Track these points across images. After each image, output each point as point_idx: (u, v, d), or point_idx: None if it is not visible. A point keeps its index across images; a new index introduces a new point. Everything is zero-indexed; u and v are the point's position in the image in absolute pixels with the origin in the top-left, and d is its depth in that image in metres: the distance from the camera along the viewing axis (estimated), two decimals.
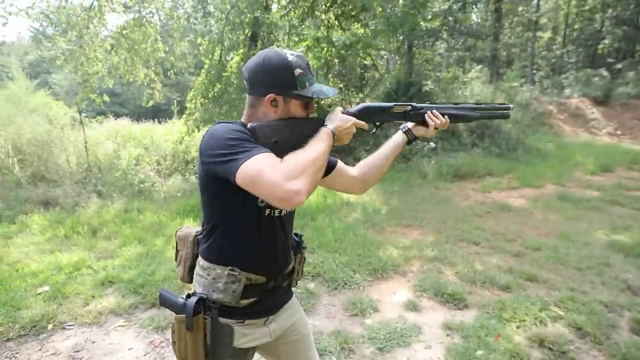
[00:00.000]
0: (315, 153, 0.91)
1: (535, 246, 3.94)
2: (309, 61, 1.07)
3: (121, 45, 6.87)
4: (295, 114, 1.03)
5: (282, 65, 0.98)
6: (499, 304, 2.78)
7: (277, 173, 0.83)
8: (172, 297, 1.02)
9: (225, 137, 0.91)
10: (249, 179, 0.85)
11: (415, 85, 10.74)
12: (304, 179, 0.85)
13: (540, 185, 6.62)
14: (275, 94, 0.99)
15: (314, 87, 1.02)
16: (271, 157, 0.88)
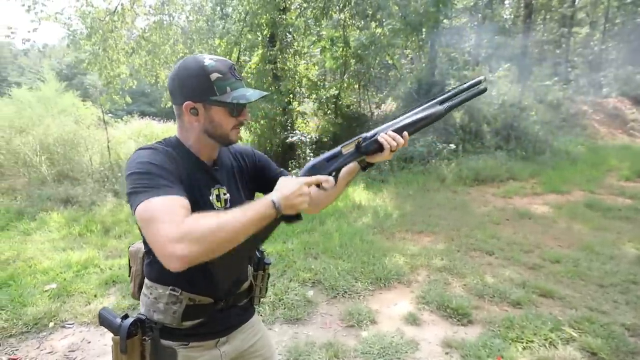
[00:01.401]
0: (231, 223, 0.80)
1: (554, 258, 3.69)
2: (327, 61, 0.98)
3: (142, 47, 7.04)
4: (221, 122, 0.95)
5: (198, 70, 0.91)
6: (506, 322, 2.61)
7: (169, 228, 0.75)
8: (110, 317, 0.96)
9: (137, 167, 0.85)
10: (143, 221, 0.79)
11: (438, 85, 10.44)
12: (196, 247, 0.75)
13: (567, 192, 6.23)
14: (193, 101, 0.93)
15: (237, 92, 0.94)
16: (174, 204, 0.79)
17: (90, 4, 7.15)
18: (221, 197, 1.02)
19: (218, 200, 1.01)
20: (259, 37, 8.31)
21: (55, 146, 6.87)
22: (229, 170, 1.08)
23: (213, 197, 1.00)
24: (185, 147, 0.99)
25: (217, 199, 1.01)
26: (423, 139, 8.58)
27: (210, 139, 0.97)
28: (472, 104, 10.53)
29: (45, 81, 8.71)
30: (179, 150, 0.97)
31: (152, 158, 0.87)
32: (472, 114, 10.14)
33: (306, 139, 8.70)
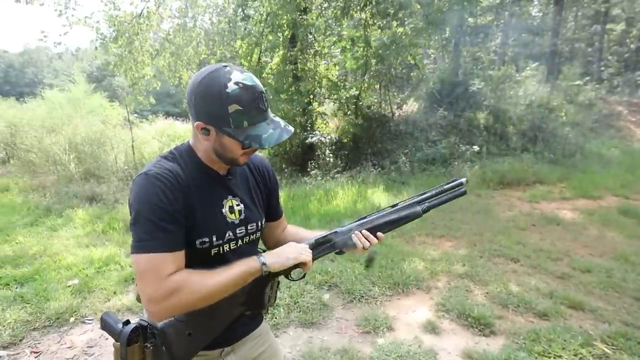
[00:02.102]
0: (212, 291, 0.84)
1: (584, 267, 3.49)
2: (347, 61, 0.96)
3: (166, 49, 7.20)
4: (232, 148, 0.90)
5: (217, 96, 0.84)
6: (531, 334, 2.47)
7: (151, 290, 0.80)
8: (112, 322, 0.92)
9: (137, 205, 0.84)
10: (135, 269, 0.84)
11: (461, 85, 10.18)
12: (172, 310, 0.82)
13: (599, 197, 5.92)
14: (205, 123, 0.87)
15: (253, 130, 0.87)
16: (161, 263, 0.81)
17: (118, 7, 7.37)
18: (235, 208, 0.99)
19: (232, 212, 0.98)
20: (280, 38, 8.35)
21: (83, 145, 7.11)
22: (244, 181, 1.05)
23: (226, 209, 0.97)
24: (197, 157, 0.95)
25: (231, 211, 0.98)
26: (445, 140, 8.38)
27: (218, 159, 0.94)
28: (497, 104, 10.22)
29: (75, 83, 9.05)
30: (190, 160, 0.94)
31: (152, 197, 0.83)
32: (497, 115, 9.82)
33: (326, 139, 8.65)
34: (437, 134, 8.82)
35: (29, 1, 6.91)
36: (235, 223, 0.98)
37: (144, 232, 0.82)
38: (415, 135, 8.83)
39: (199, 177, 0.93)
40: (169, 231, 0.83)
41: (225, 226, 0.96)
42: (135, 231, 0.83)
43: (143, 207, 0.82)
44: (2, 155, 7.68)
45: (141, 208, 0.83)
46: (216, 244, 0.93)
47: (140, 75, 7.43)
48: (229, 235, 0.96)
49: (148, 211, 0.82)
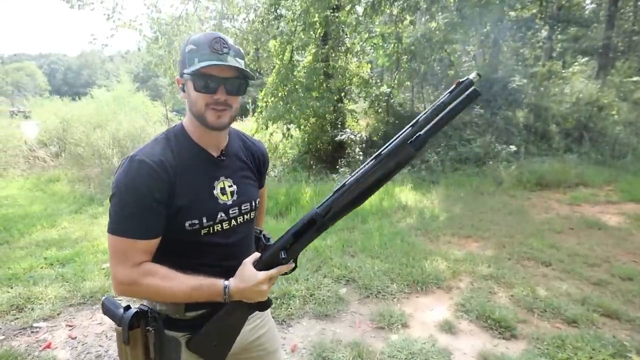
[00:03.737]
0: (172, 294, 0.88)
1: (625, 275, 3.23)
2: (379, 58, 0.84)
3: None
4: (194, 98, 0.89)
5: (183, 44, 0.90)
6: (556, 340, 2.33)
7: (118, 271, 0.86)
8: (113, 307, 0.93)
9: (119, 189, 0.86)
10: (108, 246, 0.89)
11: (500, 82, 9.73)
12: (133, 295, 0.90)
13: None
14: (180, 76, 0.92)
15: (202, 63, 0.84)
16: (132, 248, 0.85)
17: (159, 10, 7.76)
18: (227, 189, 0.98)
19: (223, 193, 0.97)
20: (312, 36, 8.41)
21: (125, 140, 7.57)
22: (239, 162, 1.04)
23: (217, 190, 0.96)
24: (188, 137, 0.95)
25: (222, 192, 0.97)
26: (480, 139, 8.06)
27: (198, 122, 0.92)
28: (539, 102, 9.66)
29: (121, 82, 9.66)
30: (182, 141, 0.94)
31: (134, 184, 0.85)
32: (539, 113, 9.29)
33: (356, 137, 8.62)
34: (472, 132, 8.50)
35: (81, 6, 7.47)
36: (228, 204, 0.97)
37: (121, 215, 0.85)
38: (449, 133, 8.56)
39: (189, 159, 0.92)
40: (145, 220, 0.85)
41: (216, 207, 0.95)
42: (113, 211, 0.86)
43: (123, 192, 0.85)
44: (56, 149, 8.36)
45: (121, 192, 0.85)
46: (207, 224, 0.93)
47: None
48: (221, 216, 0.96)
49: (127, 196, 0.84)
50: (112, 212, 0.86)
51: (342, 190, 0.88)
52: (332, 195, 0.89)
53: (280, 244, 0.93)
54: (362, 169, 0.87)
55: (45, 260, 3.45)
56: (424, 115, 0.83)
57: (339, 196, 0.88)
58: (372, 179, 0.86)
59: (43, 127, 8.49)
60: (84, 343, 2.38)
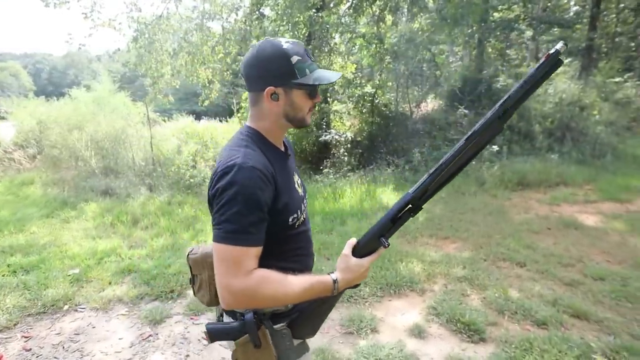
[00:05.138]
0: (286, 297, 0.89)
1: (598, 275, 3.23)
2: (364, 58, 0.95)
3: (183, 49, 7.37)
4: (301, 104, 0.95)
5: (278, 54, 0.91)
6: (524, 343, 2.31)
7: (231, 280, 0.83)
8: (223, 324, 0.96)
9: (235, 197, 0.83)
10: (215, 256, 0.86)
11: (485, 82, 9.78)
12: (244, 305, 0.87)
13: (628, 200, 5.49)
14: (274, 86, 0.92)
15: (316, 74, 0.95)
16: (245, 256, 0.85)
17: (139, 9, 7.62)
18: (298, 182, 1.06)
19: (298, 186, 1.05)
20: (297, 36, 8.34)
21: (104, 142, 7.41)
22: (293, 158, 1.12)
23: (296, 184, 1.03)
24: (266, 139, 0.98)
25: (298, 185, 1.05)
26: None
27: (287, 123, 0.98)
28: (523, 103, 9.73)
29: (101, 82, 9.47)
30: (263, 143, 0.96)
31: (250, 192, 0.85)
32: (522, 113, 9.35)
33: (341, 138, 8.58)
34: (456, 132, 8.52)
35: (57, 4, 7.29)
36: (302, 195, 1.05)
37: (237, 224, 0.83)
38: (434, 134, 8.58)
39: (275, 159, 0.97)
40: (258, 228, 0.87)
41: (300, 199, 1.03)
42: (227, 220, 0.84)
43: (241, 200, 0.83)
44: (33, 151, 8.16)
45: (239, 200, 0.83)
46: (299, 216, 1.00)
47: (159, 74, 7.65)
48: (303, 206, 1.04)
49: (246, 204, 0.84)
50: (225, 221, 0.84)
51: (437, 172, 0.91)
52: (428, 177, 0.91)
53: (377, 229, 0.96)
54: (455, 148, 0.90)
55: (8, 268, 3.33)
56: (512, 90, 0.85)
57: (434, 177, 0.91)
58: (465, 157, 0.89)
59: (19, 128, 8.28)
60: (38, 355, 2.29)
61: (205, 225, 4.51)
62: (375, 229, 0.96)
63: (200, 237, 4.14)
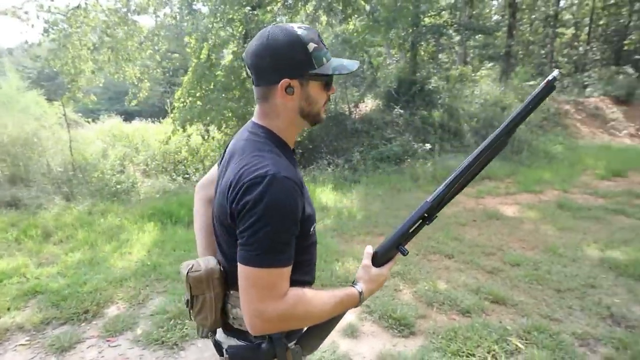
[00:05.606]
0: (319, 315, 0.84)
1: (515, 261, 3.51)
2: None
3: (104, 44, 6.76)
4: (317, 98, 0.86)
5: (293, 41, 0.80)
6: (450, 332, 2.41)
7: (270, 305, 0.75)
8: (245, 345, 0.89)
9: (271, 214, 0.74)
10: (249, 282, 0.76)
11: (418, 83, 10.30)
12: (276, 329, 0.80)
13: (540, 191, 6.10)
14: (290, 78, 0.81)
15: (334, 62, 0.85)
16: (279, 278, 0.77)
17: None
18: None
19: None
20: (232, 34, 8.09)
21: (14, 146, 6.56)
22: None
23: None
24: (284, 142, 0.88)
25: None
26: (400, 138, 8.42)
27: (302, 120, 0.88)
28: (452, 103, 10.43)
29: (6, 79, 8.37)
30: (283, 149, 0.87)
31: (287, 207, 0.76)
32: (452, 113, 10.01)
33: None
34: (393, 131, 8.86)
35: None
36: None
37: (272, 244, 0.75)
38: (372, 133, 8.83)
39: (294, 163, 0.88)
40: (291, 245, 0.79)
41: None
42: (259, 241, 0.74)
43: (277, 217, 0.74)
44: None
45: (272, 217, 0.74)
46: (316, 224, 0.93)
47: (77, 70, 6.94)
48: None
49: (282, 222, 0.75)
50: (258, 242, 0.74)
51: (453, 182, 0.93)
52: (444, 187, 0.93)
53: (395, 238, 0.96)
54: (467, 161, 0.93)
55: None
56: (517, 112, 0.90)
57: (449, 188, 0.93)
58: (476, 170, 0.93)
59: None
60: None
61: (131, 234, 4.16)
62: (394, 238, 0.96)
63: (125, 249, 3.79)
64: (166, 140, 7.64)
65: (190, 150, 8.20)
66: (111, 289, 2.97)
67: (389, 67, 11.72)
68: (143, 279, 3.17)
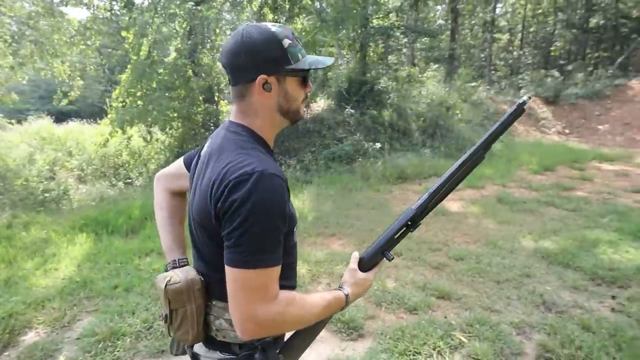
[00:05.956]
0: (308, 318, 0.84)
1: (459, 256, 3.64)
2: None
3: (25, 36, 6.09)
4: (295, 94, 0.86)
5: (267, 38, 0.80)
6: (397, 332, 2.42)
7: (260, 308, 0.73)
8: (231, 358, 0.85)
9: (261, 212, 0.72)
10: (238, 285, 0.73)
11: (369, 83, 10.50)
12: (267, 333, 0.78)
13: (482, 187, 6.45)
14: (267, 74, 0.81)
15: (309, 58, 0.86)
16: (269, 279, 0.75)
17: None
18: None
19: None
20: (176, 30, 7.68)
21: None
22: None
23: None
24: (264, 141, 0.87)
25: None
26: (351, 137, 8.51)
27: (282, 118, 0.88)
28: (401, 103, 10.76)
29: None
30: (264, 147, 0.85)
31: (277, 204, 0.74)
32: (401, 113, 10.33)
33: None
34: (344, 131, 8.93)
35: None
36: None
37: (261, 244, 0.73)
38: (323, 133, 8.83)
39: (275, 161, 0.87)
40: (281, 244, 0.77)
41: None
42: (248, 241, 0.71)
43: (264, 215, 0.72)
44: None
45: (262, 215, 0.72)
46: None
47: None
48: None
49: (270, 220, 0.73)
50: (248, 242, 0.72)
51: (435, 191, 1.01)
52: (428, 196, 1.00)
53: (381, 245, 1.00)
54: (449, 171, 1.02)
55: None
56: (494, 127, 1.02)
57: (432, 197, 1.01)
58: (457, 180, 1.03)
59: None
60: None
61: (58, 248, 3.76)
62: (380, 244, 1.01)
63: (50, 265, 3.41)
64: (103, 142, 7.07)
65: (132, 153, 7.66)
66: (30, 312, 2.64)
67: (340, 67, 11.84)
68: (70, 298, 2.86)
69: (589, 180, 6.85)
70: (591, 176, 7.06)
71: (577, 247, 3.70)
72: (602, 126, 12.86)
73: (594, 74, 17.17)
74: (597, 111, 13.65)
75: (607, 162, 8.49)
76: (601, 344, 2.27)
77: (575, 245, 3.77)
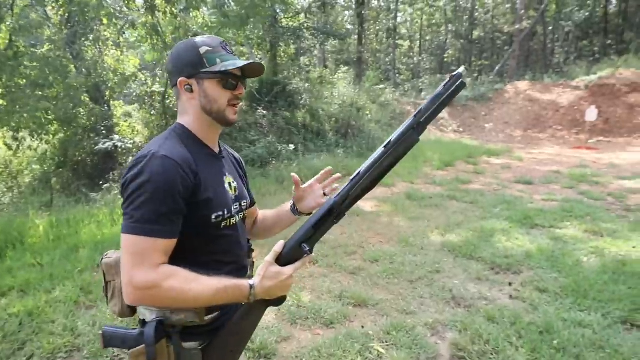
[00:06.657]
0: (195, 297, 0.83)
1: (373, 258, 3.60)
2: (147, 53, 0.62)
3: None
4: (215, 96, 0.93)
5: (188, 47, 0.94)
6: (313, 352, 2.21)
7: (136, 273, 0.80)
8: (122, 330, 0.89)
9: (145, 186, 0.81)
10: (122, 247, 0.82)
11: (280, 84, 10.29)
12: (148, 301, 0.83)
13: (392, 185, 6.69)
14: (186, 77, 0.93)
15: (227, 63, 0.93)
16: (153, 249, 0.81)
17: None
18: (231, 184, 1.02)
19: (230, 187, 1.01)
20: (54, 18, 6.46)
21: None
22: (232, 161, 1.12)
23: (227, 184, 1.01)
24: (194, 136, 0.97)
25: (229, 186, 1.01)
26: (264, 139, 8.20)
27: (208, 117, 0.96)
28: (314, 104, 10.79)
29: None
30: (190, 139, 0.95)
31: (166, 182, 0.82)
32: (314, 114, 10.35)
33: (129, 144, 7.25)
34: (257, 133, 8.58)
35: None
36: (234, 198, 1.01)
37: (148, 214, 0.81)
38: (235, 135, 8.35)
39: (203, 155, 0.95)
40: (170, 220, 0.83)
41: (230, 199, 0.99)
42: (134, 210, 0.81)
43: (150, 189, 0.81)
44: None
45: (148, 189, 0.81)
46: (227, 216, 0.96)
47: None
48: (235, 208, 1.00)
49: (156, 194, 0.81)
50: (133, 211, 0.81)
51: (357, 178, 0.95)
52: (348, 184, 0.96)
53: (299, 237, 0.94)
54: (373, 156, 0.95)
55: None
56: (424, 105, 0.91)
57: (354, 184, 0.95)
58: (384, 165, 0.94)
59: None
60: None
61: None
62: (297, 236, 0.94)
63: None
64: None
65: None
66: None
67: None
68: None
69: (481, 174, 7.62)
70: (483, 170, 7.87)
71: (477, 238, 3.96)
72: (488, 125, 14.66)
73: (479, 79, 19.60)
74: (483, 112, 15.52)
75: (494, 156, 9.61)
76: (505, 334, 2.35)
77: (476, 236, 4.03)
